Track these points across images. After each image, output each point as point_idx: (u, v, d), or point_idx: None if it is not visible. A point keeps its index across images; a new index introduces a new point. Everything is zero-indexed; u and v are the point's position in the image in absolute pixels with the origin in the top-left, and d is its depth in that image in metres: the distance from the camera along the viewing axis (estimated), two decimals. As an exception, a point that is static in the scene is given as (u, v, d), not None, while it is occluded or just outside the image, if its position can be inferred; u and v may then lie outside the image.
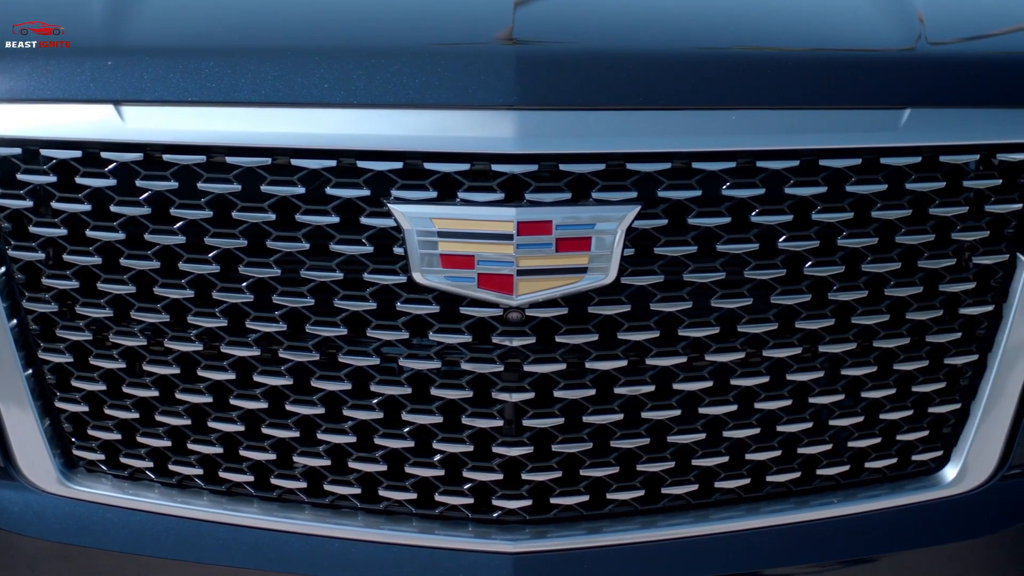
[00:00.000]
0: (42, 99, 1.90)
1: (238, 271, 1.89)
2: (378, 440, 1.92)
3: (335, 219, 1.85)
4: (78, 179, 1.90)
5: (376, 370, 1.90)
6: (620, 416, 1.91)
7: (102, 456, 2.02)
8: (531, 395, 1.88)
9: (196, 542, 1.97)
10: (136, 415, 1.98)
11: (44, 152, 1.91)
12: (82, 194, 1.91)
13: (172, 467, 2.00)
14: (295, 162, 1.85)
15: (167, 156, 1.88)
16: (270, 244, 1.87)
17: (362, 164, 1.84)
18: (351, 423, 1.92)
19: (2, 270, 1.96)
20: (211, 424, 1.96)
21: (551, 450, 1.91)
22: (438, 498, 1.94)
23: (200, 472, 1.99)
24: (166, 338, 1.94)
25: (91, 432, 2.01)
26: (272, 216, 1.87)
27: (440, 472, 1.92)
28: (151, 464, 2.01)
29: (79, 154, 1.90)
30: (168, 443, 1.99)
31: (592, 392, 1.89)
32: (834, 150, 1.88)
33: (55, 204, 1.92)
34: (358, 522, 1.95)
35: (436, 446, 1.91)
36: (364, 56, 1.86)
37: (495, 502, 1.93)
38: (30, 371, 1.99)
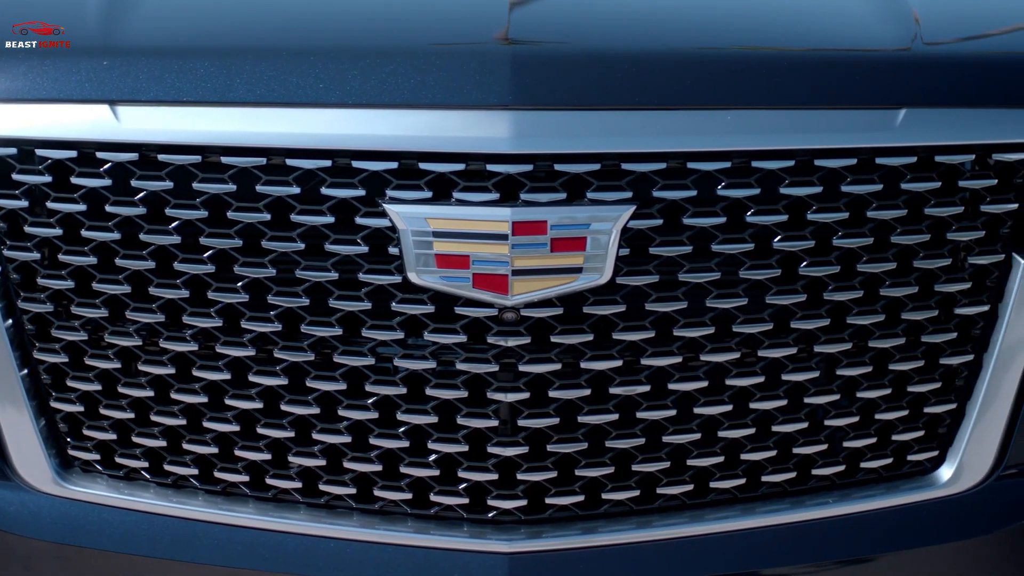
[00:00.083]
0: (37, 99, 1.90)
1: (233, 271, 1.89)
2: (373, 440, 1.92)
3: (330, 219, 1.85)
4: (73, 179, 1.90)
5: (371, 370, 1.90)
6: (615, 416, 1.91)
7: (97, 456, 2.02)
8: (526, 395, 1.88)
9: (191, 542, 1.97)
10: (131, 415, 1.98)
11: (39, 152, 1.91)
12: (77, 194, 1.91)
13: (167, 467, 2.00)
14: (290, 162, 1.85)
15: (162, 156, 1.88)
16: (265, 244, 1.87)
17: (357, 164, 1.84)
18: (346, 423, 1.92)
19: (-2, 270, 1.97)
20: (206, 424, 1.96)
21: (546, 450, 1.91)
22: (433, 498, 1.94)
23: (195, 472, 1.99)
24: (161, 338, 1.94)
25: (86, 432, 2.01)
26: (267, 216, 1.87)
27: (435, 472, 1.92)
28: (146, 464, 2.01)
29: (74, 154, 1.90)
30: (163, 443, 1.99)
31: (587, 392, 1.89)
32: (829, 150, 1.88)
33: (50, 204, 1.92)
34: (353, 522, 1.95)
35: (431, 446, 1.91)
36: (359, 56, 1.86)
37: (490, 502, 1.93)
38: (25, 371, 1.99)
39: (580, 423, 1.91)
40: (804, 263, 1.90)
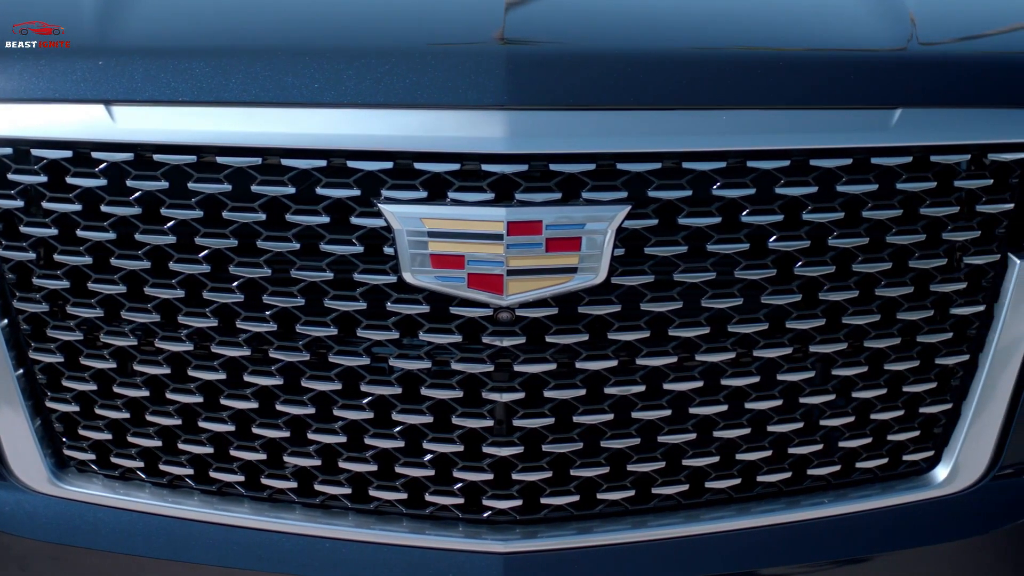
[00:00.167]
0: (33, 99, 1.90)
1: (228, 271, 1.89)
2: (368, 440, 1.92)
3: (325, 219, 1.85)
4: (69, 179, 1.90)
5: (366, 370, 1.90)
6: (610, 416, 1.91)
7: (93, 456, 2.02)
8: (521, 395, 1.88)
9: (187, 542, 1.97)
10: (127, 415, 1.98)
11: (35, 152, 1.91)
12: (73, 194, 1.91)
13: (163, 467, 2.00)
14: (285, 162, 1.85)
15: (157, 156, 1.88)
16: (260, 244, 1.87)
17: (352, 164, 1.84)
18: (341, 423, 1.92)
19: (-8, 270, 1.97)
20: (202, 424, 1.96)
21: (541, 450, 1.91)
22: (428, 498, 1.94)
23: (191, 472, 1.99)
24: (157, 338, 1.94)
25: (82, 432, 2.01)
26: (262, 216, 1.87)
27: (430, 472, 1.92)
28: (142, 464, 2.01)
29: (70, 154, 1.90)
30: (159, 443, 1.99)
31: (582, 392, 1.89)
32: (825, 150, 1.88)
33: (46, 204, 1.92)
34: (348, 522, 1.95)
35: (426, 446, 1.91)
36: (354, 56, 1.86)
37: (485, 502, 1.93)
38: (21, 371, 1.99)
39: (575, 423, 1.91)
40: (799, 263, 1.90)
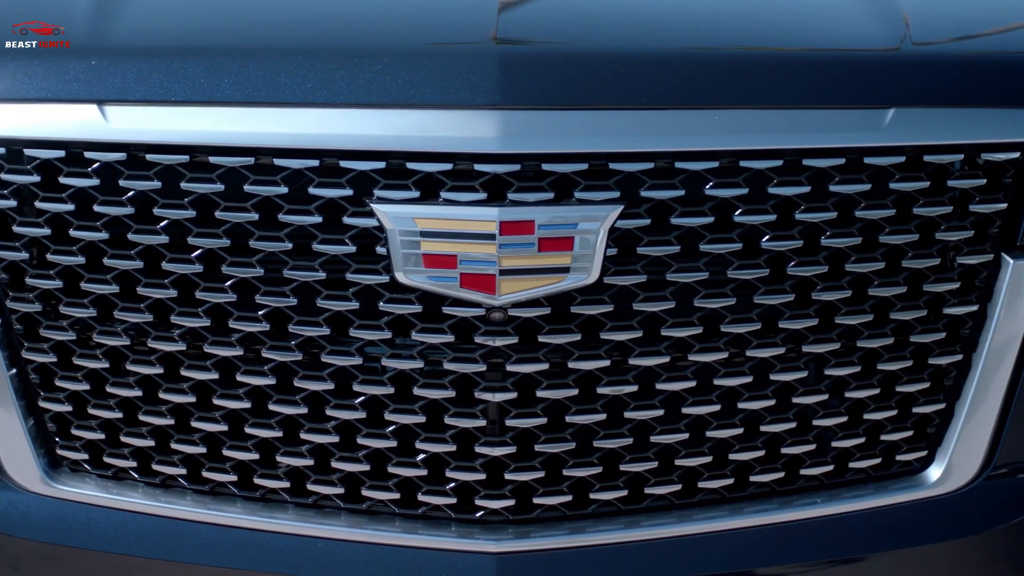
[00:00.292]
0: (26, 99, 1.90)
1: (221, 271, 1.89)
2: (361, 440, 1.92)
3: (318, 219, 1.85)
4: (62, 179, 1.90)
5: (359, 370, 1.90)
6: (603, 416, 1.91)
7: (86, 456, 2.02)
8: (514, 395, 1.88)
9: (180, 542, 1.97)
10: (120, 415, 1.98)
11: (28, 152, 1.91)
12: (66, 194, 1.90)
13: (156, 467, 2.00)
14: (278, 162, 1.85)
15: (150, 156, 1.87)
16: (253, 244, 1.87)
17: (345, 164, 1.84)
18: (334, 423, 1.92)
19: (-14, 270, 1.97)
20: (194, 424, 1.96)
21: (534, 450, 1.91)
22: (421, 498, 1.93)
23: (183, 472, 1.99)
24: (149, 338, 1.94)
25: (75, 432, 2.01)
26: (255, 216, 1.86)
27: (423, 472, 1.92)
28: (135, 464, 2.01)
29: (63, 154, 1.90)
30: (151, 443, 1.99)
31: (575, 392, 1.89)
32: (818, 150, 1.88)
33: (39, 204, 1.91)
34: (341, 522, 1.95)
35: (419, 446, 1.91)
36: (347, 56, 1.86)
37: (478, 502, 1.93)
38: (14, 371, 1.99)
39: (568, 423, 1.91)
40: (792, 263, 1.90)
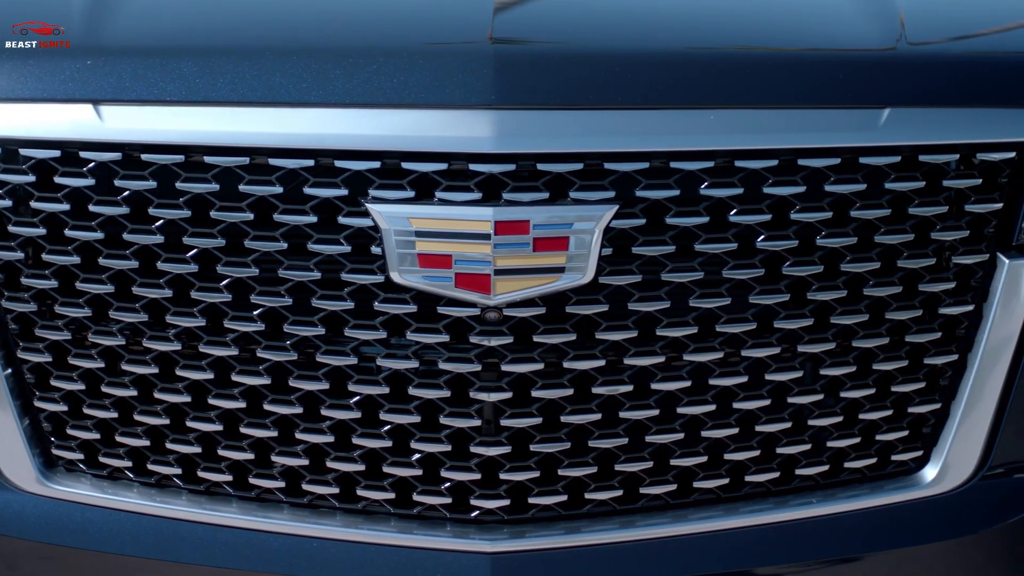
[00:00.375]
0: (21, 99, 1.90)
1: (216, 271, 1.89)
2: (356, 440, 1.92)
3: (313, 219, 1.85)
4: (57, 179, 1.90)
5: (354, 370, 1.90)
6: (598, 416, 1.91)
7: (81, 455, 2.02)
8: (509, 395, 1.88)
9: (175, 542, 1.97)
10: (115, 414, 1.98)
11: (23, 152, 1.91)
12: (61, 194, 1.91)
13: (151, 466, 2.00)
14: (273, 162, 1.85)
15: (145, 156, 1.87)
16: (248, 244, 1.87)
17: (340, 164, 1.84)
18: (329, 423, 1.92)
19: (-19, 270, 1.97)
20: (189, 424, 1.96)
21: (529, 450, 1.91)
22: (416, 498, 1.93)
23: (179, 472, 1.99)
24: (145, 338, 1.94)
25: (70, 431, 2.01)
26: (250, 216, 1.87)
27: (418, 472, 1.92)
28: (130, 463, 2.01)
29: (58, 154, 1.90)
30: (147, 442, 1.99)
31: (570, 392, 1.89)
32: (813, 149, 1.88)
33: (34, 204, 1.91)
34: (336, 522, 1.95)
35: (414, 446, 1.91)
36: (343, 55, 1.86)
37: (473, 502, 1.93)
38: (9, 371, 1.99)
39: (563, 423, 1.91)
40: (788, 263, 1.90)
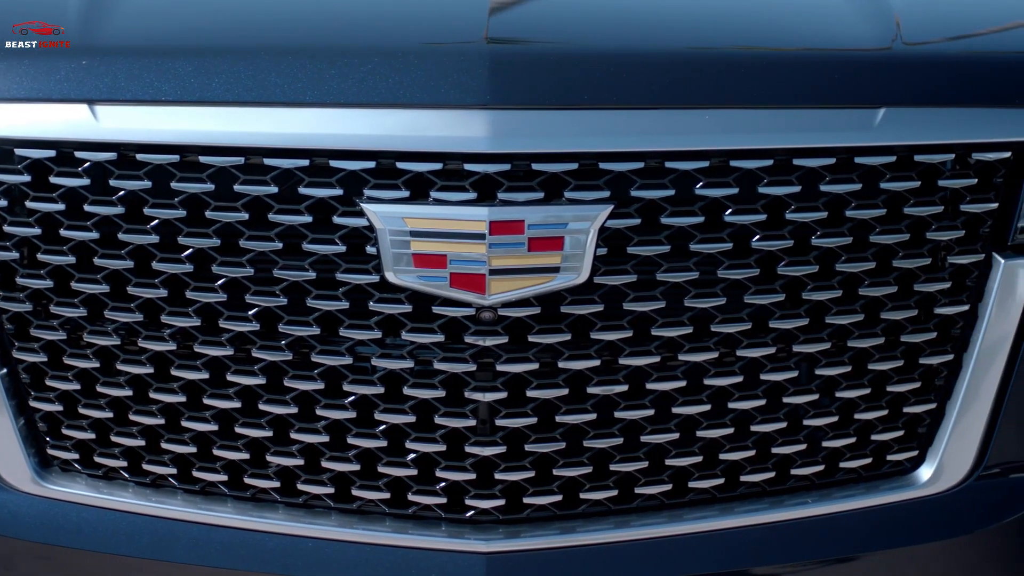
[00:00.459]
0: (16, 99, 1.90)
1: (211, 270, 1.89)
2: (351, 440, 1.92)
3: (308, 219, 1.85)
4: (52, 179, 1.90)
5: (349, 369, 1.90)
6: (593, 416, 1.91)
7: (76, 455, 2.02)
8: (504, 395, 1.88)
9: (170, 542, 1.97)
10: (110, 414, 1.98)
11: (18, 151, 1.91)
12: (56, 193, 1.91)
13: (146, 466, 2.00)
14: (268, 161, 1.85)
15: (140, 155, 1.88)
16: (243, 244, 1.87)
17: (335, 164, 1.84)
18: (324, 423, 1.92)
19: (-24, 270, 1.97)
20: (184, 423, 1.96)
21: (524, 450, 1.91)
22: (411, 498, 1.93)
23: (174, 472, 1.99)
24: (140, 337, 1.93)
25: (65, 431, 2.01)
26: (245, 216, 1.87)
27: (413, 472, 1.92)
28: (125, 463, 2.01)
29: (53, 153, 1.90)
30: (142, 442, 1.99)
31: (565, 392, 1.89)
32: (808, 149, 1.88)
33: (29, 204, 1.92)
34: (331, 521, 1.95)
35: (409, 446, 1.91)
36: (338, 55, 1.86)
37: (468, 502, 1.93)
38: (4, 370, 1.99)
39: (558, 423, 1.91)
40: (783, 263, 1.90)
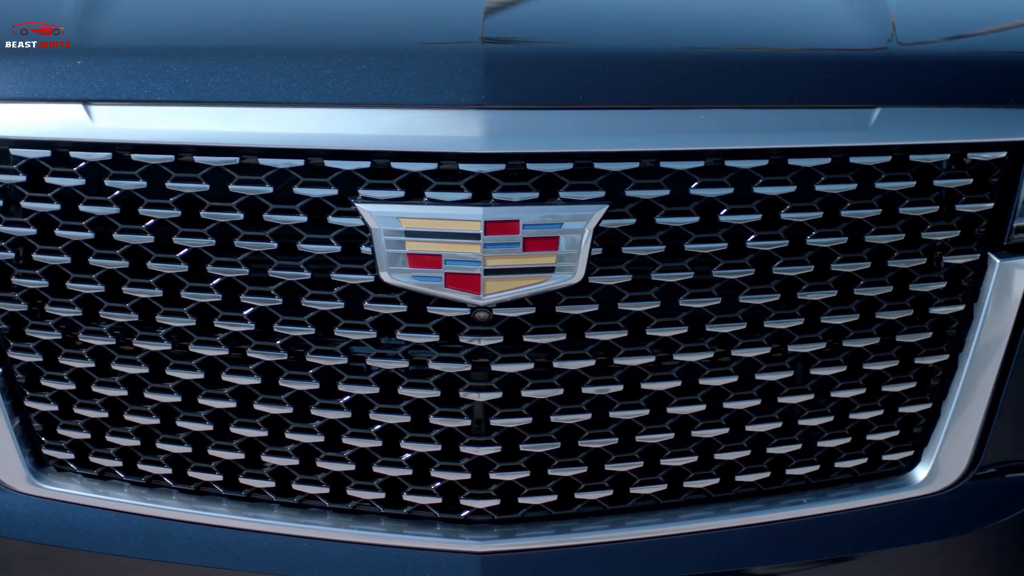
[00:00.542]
0: (11, 99, 1.90)
1: (206, 270, 1.89)
2: (346, 439, 1.92)
3: (303, 218, 1.85)
4: (47, 179, 1.90)
5: (344, 369, 1.90)
6: (588, 416, 1.91)
7: (72, 455, 2.02)
8: (499, 394, 1.88)
9: (166, 542, 1.97)
10: (105, 414, 1.98)
11: (13, 151, 1.91)
12: (51, 193, 1.91)
13: (141, 466, 2.00)
14: (263, 161, 1.85)
15: (136, 155, 1.88)
16: (238, 243, 1.87)
17: (330, 163, 1.84)
18: (319, 423, 1.92)
19: (-29, 270, 1.97)
20: (180, 423, 1.96)
21: (519, 450, 1.91)
22: (406, 497, 1.93)
23: (169, 471, 1.99)
24: (135, 337, 1.94)
25: (61, 431, 2.01)
26: (240, 215, 1.87)
27: (408, 472, 1.92)
28: (120, 463, 2.01)
29: (48, 153, 1.90)
30: (137, 442, 1.98)
31: (560, 392, 1.89)
32: (803, 149, 1.88)
33: (24, 203, 1.92)
34: (327, 521, 1.95)
35: (404, 445, 1.91)
36: (333, 55, 1.86)
37: (463, 502, 1.93)
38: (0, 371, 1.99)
39: (553, 423, 1.91)
40: (778, 263, 1.89)
